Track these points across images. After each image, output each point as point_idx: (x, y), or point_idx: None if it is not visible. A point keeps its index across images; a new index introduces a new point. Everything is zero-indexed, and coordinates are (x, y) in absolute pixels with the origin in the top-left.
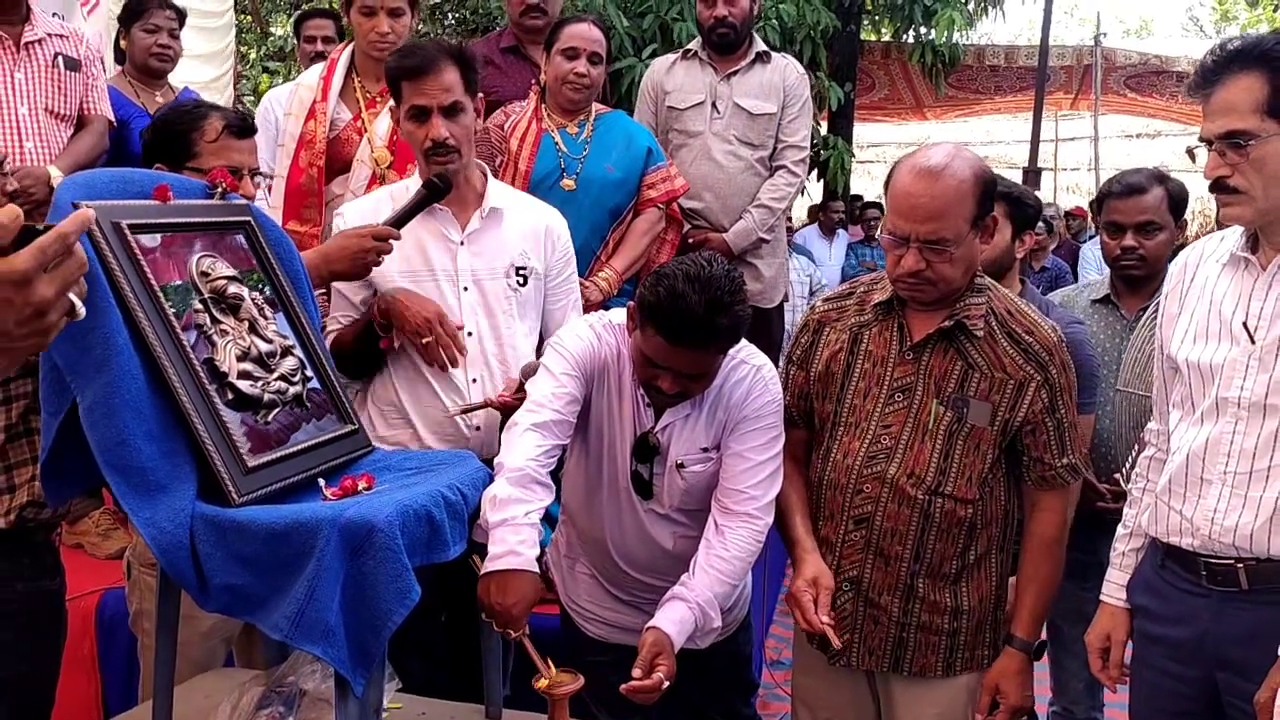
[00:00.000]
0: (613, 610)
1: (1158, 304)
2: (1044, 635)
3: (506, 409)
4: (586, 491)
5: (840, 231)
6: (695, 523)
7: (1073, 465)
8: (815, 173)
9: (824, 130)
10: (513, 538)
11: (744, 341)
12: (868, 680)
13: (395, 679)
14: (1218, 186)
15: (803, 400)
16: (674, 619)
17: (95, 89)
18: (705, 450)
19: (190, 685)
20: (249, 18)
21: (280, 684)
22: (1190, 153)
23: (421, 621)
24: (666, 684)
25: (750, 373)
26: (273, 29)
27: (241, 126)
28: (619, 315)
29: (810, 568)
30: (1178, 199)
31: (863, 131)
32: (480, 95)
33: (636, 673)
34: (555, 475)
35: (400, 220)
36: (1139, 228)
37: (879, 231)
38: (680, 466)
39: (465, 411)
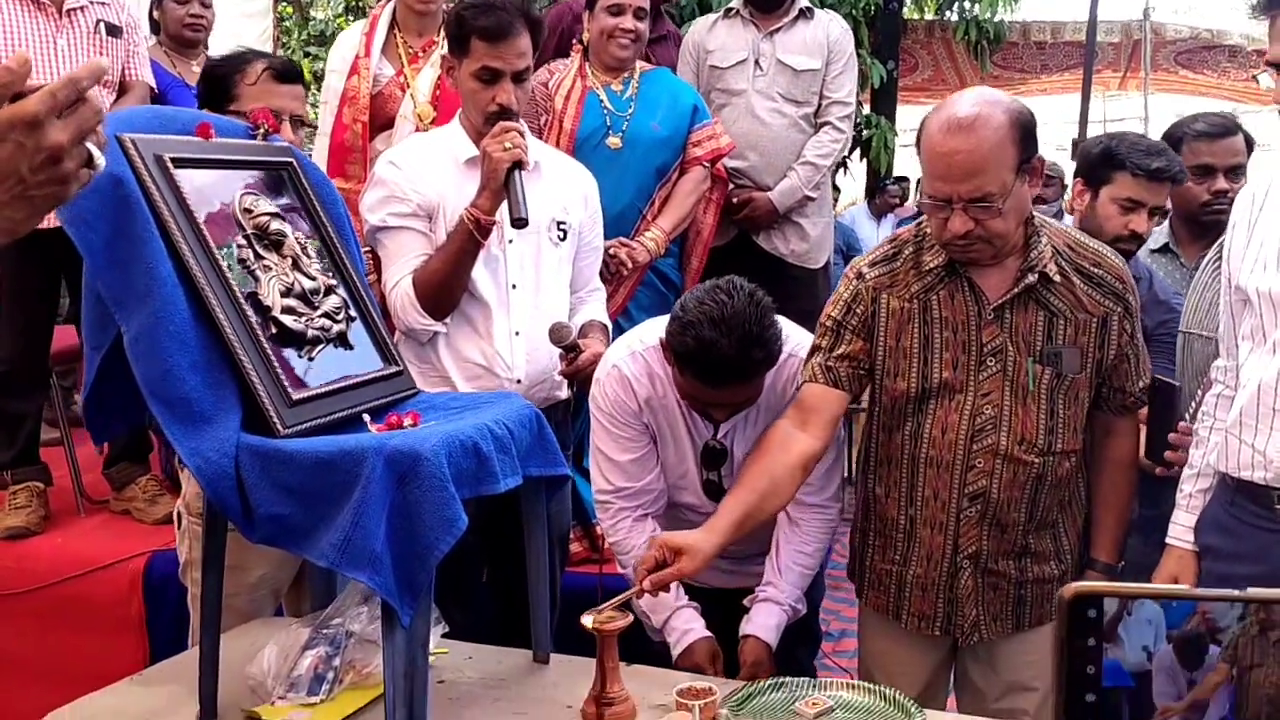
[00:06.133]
0: None
1: (1220, 243)
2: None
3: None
4: (666, 500)
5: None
6: None
7: (1146, 385)
8: (858, 153)
9: (866, 110)
10: (677, 622)
11: (790, 330)
12: (953, 642)
13: (441, 623)
14: None
15: (855, 366)
16: (771, 625)
17: (136, 55)
18: None
19: (238, 632)
20: (290, 8)
21: (326, 625)
22: (1254, 79)
23: (464, 580)
24: None
25: (801, 366)
26: (313, 13)
27: (283, 71)
28: (648, 335)
29: (690, 537)
30: (1250, 145)
31: (907, 114)
32: None
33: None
34: None
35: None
36: (1230, 170)
37: (918, 196)
38: None
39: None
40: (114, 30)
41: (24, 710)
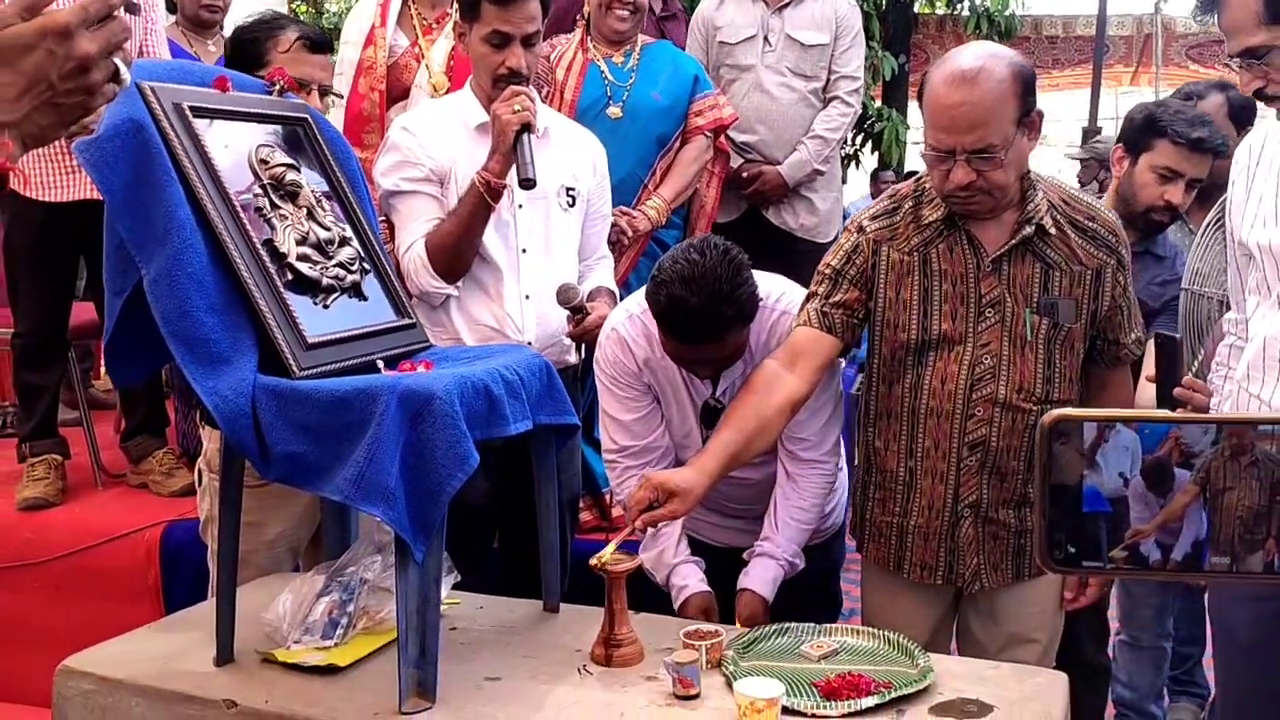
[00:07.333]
0: (700, 519)
1: (1221, 202)
2: None
3: (574, 338)
4: (673, 458)
5: None
6: (772, 450)
7: (1139, 338)
8: (869, 145)
9: (877, 103)
10: (675, 578)
11: (784, 286)
12: (954, 594)
13: (454, 572)
14: (1260, 96)
15: (849, 314)
16: (767, 579)
17: (154, 33)
18: None
19: (255, 585)
20: (304, 5)
21: (340, 573)
22: (1228, 66)
23: (476, 545)
24: None
25: (793, 323)
26: (327, 6)
27: (317, 41)
28: (641, 299)
29: (680, 478)
30: (1240, 107)
31: (917, 109)
32: None
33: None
34: None
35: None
36: None
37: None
38: None
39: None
40: (132, 7)
41: (42, 677)
